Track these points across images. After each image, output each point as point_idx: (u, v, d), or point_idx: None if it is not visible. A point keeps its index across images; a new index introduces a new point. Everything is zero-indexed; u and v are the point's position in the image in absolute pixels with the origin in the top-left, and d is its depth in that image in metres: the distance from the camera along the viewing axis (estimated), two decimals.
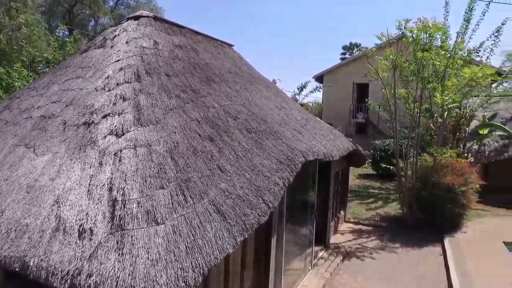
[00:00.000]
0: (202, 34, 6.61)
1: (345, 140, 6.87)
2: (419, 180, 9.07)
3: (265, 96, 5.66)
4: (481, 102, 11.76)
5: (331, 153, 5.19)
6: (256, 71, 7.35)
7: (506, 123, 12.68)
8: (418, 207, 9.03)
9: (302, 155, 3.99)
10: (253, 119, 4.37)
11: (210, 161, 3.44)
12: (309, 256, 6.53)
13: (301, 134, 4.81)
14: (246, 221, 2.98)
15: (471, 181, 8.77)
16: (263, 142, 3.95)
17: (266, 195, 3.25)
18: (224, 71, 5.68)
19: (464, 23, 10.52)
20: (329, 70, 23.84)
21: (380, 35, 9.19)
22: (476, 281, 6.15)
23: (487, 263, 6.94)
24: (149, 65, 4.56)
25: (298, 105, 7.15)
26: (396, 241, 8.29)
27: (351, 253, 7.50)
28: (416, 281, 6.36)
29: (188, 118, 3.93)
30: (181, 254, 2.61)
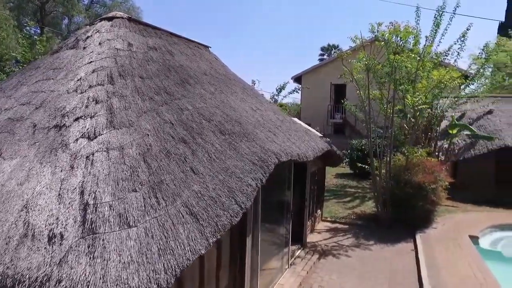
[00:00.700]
0: (178, 36, 6.60)
1: (320, 140, 7.02)
2: (393, 179, 9.37)
3: (241, 98, 5.73)
4: (450, 103, 12.26)
5: (306, 153, 5.31)
6: (233, 72, 7.40)
7: (473, 123, 13.29)
8: (392, 205, 9.33)
9: (275, 156, 4.07)
10: (227, 121, 4.42)
11: (183, 163, 3.48)
12: (286, 255, 6.64)
13: (276, 136, 4.90)
14: (219, 222, 3.03)
15: (440, 179, 9.14)
16: (237, 144, 4.01)
17: (238, 196, 3.32)
18: (199, 73, 5.70)
19: (434, 27, 10.98)
20: (307, 71, 24.16)
21: (354, 38, 9.44)
22: (443, 274, 6.44)
23: (454, 256, 7.28)
24: (123, 67, 4.53)
25: (274, 107, 7.25)
26: (371, 238, 8.54)
27: (328, 251, 7.67)
28: (389, 276, 6.59)
29: (161, 121, 3.94)
30: (153, 256, 2.64)
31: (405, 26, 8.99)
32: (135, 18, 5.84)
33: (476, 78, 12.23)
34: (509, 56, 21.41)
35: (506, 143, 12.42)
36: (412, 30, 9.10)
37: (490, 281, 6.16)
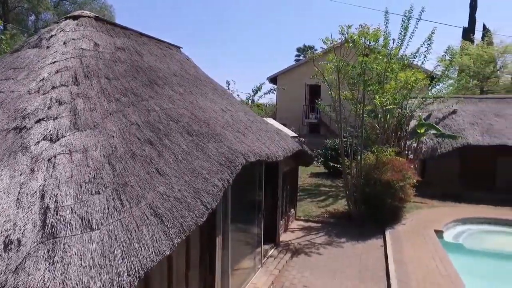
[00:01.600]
0: (147, 36, 6.54)
1: (291, 140, 7.14)
2: (363, 177, 9.64)
3: (211, 99, 5.74)
4: (418, 103, 12.76)
5: (276, 153, 5.40)
6: (204, 73, 7.39)
7: (439, 122, 13.87)
8: (363, 203, 9.60)
9: (243, 156, 4.12)
10: (195, 122, 4.43)
11: (149, 164, 3.46)
12: (259, 255, 6.71)
13: (245, 136, 4.95)
14: (184, 223, 3.05)
15: (408, 176, 9.48)
16: (204, 145, 4.03)
17: (204, 196, 3.34)
18: (169, 74, 5.67)
19: (402, 30, 11.41)
20: (282, 71, 24.42)
21: (325, 39, 9.64)
22: (409, 267, 6.71)
23: (420, 251, 7.59)
24: (88, 68, 4.45)
25: (245, 107, 7.31)
26: (343, 236, 8.75)
27: (300, 250, 7.80)
28: (359, 271, 6.78)
29: (128, 122, 3.91)
30: (116, 259, 2.63)
31: (374, 29, 9.28)
32: (102, 18, 5.73)
33: (442, 79, 12.79)
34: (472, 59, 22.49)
35: (468, 141, 13.05)
36: (381, 33, 9.40)
37: (450, 272, 6.48)
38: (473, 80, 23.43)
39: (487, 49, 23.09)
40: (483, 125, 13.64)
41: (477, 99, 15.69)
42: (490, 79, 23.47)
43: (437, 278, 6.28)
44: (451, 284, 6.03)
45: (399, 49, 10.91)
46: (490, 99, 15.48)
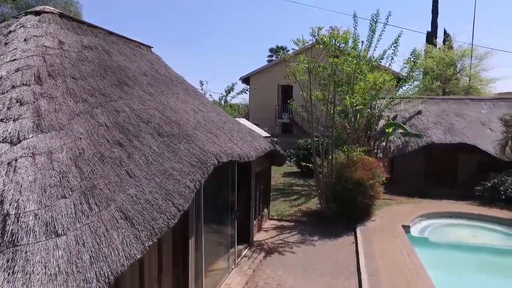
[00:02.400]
0: (116, 35, 6.36)
1: (263, 140, 7.19)
2: (335, 176, 9.86)
3: (182, 100, 5.67)
4: (386, 103, 13.22)
5: (248, 154, 5.41)
6: (176, 73, 7.29)
7: (406, 122, 14.45)
8: (334, 201, 9.82)
9: (215, 157, 4.11)
10: (166, 123, 4.37)
11: (119, 167, 3.38)
12: (233, 255, 6.70)
13: (217, 137, 4.93)
14: (155, 226, 3.00)
15: (377, 175, 9.79)
16: (175, 146, 3.98)
17: (176, 198, 3.30)
18: (139, 74, 5.55)
19: (370, 33, 11.79)
20: (255, 72, 24.50)
21: (296, 41, 9.78)
22: (379, 262, 6.94)
23: (389, 246, 7.87)
24: (53, 67, 4.27)
25: (217, 108, 7.28)
26: (315, 234, 8.91)
27: (274, 249, 7.87)
28: (331, 268, 6.94)
29: (96, 123, 3.79)
30: (84, 265, 2.54)
31: (344, 31, 9.52)
32: (67, 14, 5.51)
33: (408, 80, 13.34)
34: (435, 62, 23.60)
35: (433, 140, 13.66)
36: (350, 35, 9.65)
37: (416, 264, 6.79)
38: (436, 82, 24.58)
39: (448, 53, 24.31)
40: (445, 125, 14.33)
41: (440, 99, 16.46)
42: (451, 81, 24.71)
43: (404, 270, 6.54)
44: (417, 276, 6.30)
45: (368, 51, 11.26)
46: (451, 99, 16.28)
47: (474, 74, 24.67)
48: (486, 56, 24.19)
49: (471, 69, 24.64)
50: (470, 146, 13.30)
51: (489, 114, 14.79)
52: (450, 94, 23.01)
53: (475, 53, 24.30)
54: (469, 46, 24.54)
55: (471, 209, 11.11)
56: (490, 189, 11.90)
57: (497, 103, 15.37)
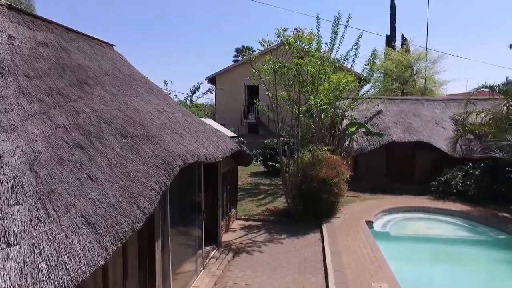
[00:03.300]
0: (75, 31, 6.08)
1: (230, 141, 7.18)
2: (301, 175, 10.05)
3: (146, 100, 5.54)
4: (349, 103, 13.68)
5: (214, 154, 5.39)
6: (139, 73, 7.11)
7: (368, 121, 15.01)
8: (301, 199, 10.00)
9: (180, 158, 4.05)
10: (130, 124, 4.24)
11: (79, 170, 3.24)
12: (200, 257, 6.64)
13: (182, 138, 4.86)
14: (119, 230, 2.91)
15: (342, 173, 10.09)
16: (140, 148, 3.88)
17: (141, 201, 3.22)
18: (100, 73, 5.34)
19: (333, 35, 12.13)
20: (221, 72, 24.39)
21: (262, 41, 9.85)
22: (344, 257, 7.17)
23: (353, 241, 8.15)
24: (2, 64, 3.99)
25: (183, 108, 7.17)
26: (283, 232, 9.03)
27: (242, 249, 7.88)
28: (298, 265, 7.07)
29: (53, 125, 3.60)
30: (41, 275, 2.40)
31: (308, 32, 9.72)
32: (17, 7, 5.16)
33: (369, 80, 13.89)
34: (394, 64, 24.75)
35: (393, 138, 14.31)
36: (314, 37, 9.88)
37: (379, 257, 7.10)
38: (395, 83, 25.78)
39: (405, 56, 25.58)
40: (404, 124, 15.05)
41: (399, 100, 17.25)
42: (409, 82, 26.01)
43: (367, 264, 6.81)
44: (379, 268, 6.59)
45: (331, 52, 11.57)
46: (409, 100, 17.12)
47: (428, 76, 26.12)
48: (439, 59, 25.74)
49: (426, 71, 26.08)
50: (426, 143, 14.08)
51: (442, 113, 15.73)
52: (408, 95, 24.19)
53: (429, 57, 25.78)
54: (424, 50, 25.98)
55: (427, 203, 11.78)
56: (443, 184, 12.67)
57: (448, 104, 16.38)
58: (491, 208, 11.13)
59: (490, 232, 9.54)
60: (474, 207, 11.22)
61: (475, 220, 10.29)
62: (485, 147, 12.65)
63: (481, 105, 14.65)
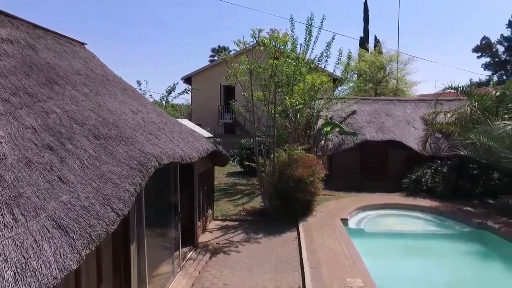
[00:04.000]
0: (43, 29, 5.88)
1: (206, 141, 7.15)
2: (277, 175, 10.14)
3: (120, 100, 5.43)
4: (324, 103, 13.93)
5: (190, 155, 5.35)
6: (113, 73, 6.95)
7: (342, 121, 15.35)
8: (277, 198, 10.09)
9: (155, 159, 4.01)
10: (103, 124, 4.15)
11: (49, 172, 3.14)
12: (177, 258, 6.57)
13: (157, 138, 4.81)
14: (93, 233, 2.84)
15: (317, 172, 10.26)
16: (113, 149, 3.80)
17: (115, 203, 3.16)
18: (71, 73, 5.19)
19: (307, 36, 12.32)
20: (197, 72, 24.20)
21: (237, 42, 9.87)
22: (320, 254, 7.30)
23: (329, 238, 8.31)
24: None
25: (157, 108, 7.07)
26: (260, 232, 9.08)
27: (219, 249, 7.86)
28: (275, 263, 7.13)
29: (20, 126, 3.47)
30: (7, 283, 2.31)
31: (283, 33, 9.83)
32: None
33: (343, 81, 14.21)
34: (367, 65, 25.44)
35: (366, 137, 14.70)
36: (289, 38, 10.00)
37: (353, 253, 7.28)
38: (369, 84, 26.49)
39: (378, 57, 26.34)
40: (377, 123, 15.49)
41: (372, 100, 17.73)
42: (382, 83, 26.80)
43: (342, 260, 6.97)
44: (353, 264, 6.76)
45: (306, 53, 11.74)
46: (382, 100, 17.64)
47: (400, 77, 27.01)
48: (409, 61, 26.69)
49: (398, 72, 26.96)
50: (398, 142, 14.56)
51: (413, 113, 16.31)
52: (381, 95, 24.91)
53: (400, 59, 26.66)
54: (396, 52, 26.83)
55: (399, 200, 12.19)
56: (414, 181, 13.15)
57: (419, 104, 17.00)
58: (457, 203, 11.66)
59: (456, 225, 10.00)
60: (442, 202, 11.72)
61: (443, 215, 10.76)
62: (452, 145, 13.26)
63: (448, 105, 15.32)
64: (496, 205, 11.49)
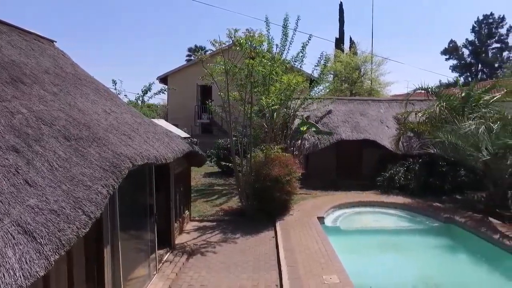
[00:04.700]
0: (7, 24, 5.62)
1: (181, 141, 7.07)
2: (254, 174, 10.16)
3: (92, 100, 5.27)
4: (300, 103, 14.09)
5: (165, 155, 5.28)
6: (85, 72, 6.74)
7: (318, 121, 15.58)
8: (255, 198, 10.12)
9: (129, 160, 3.92)
10: (74, 125, 4.02)
11: (15, 175, 3.01)
12: (154, 261, 6.47)
13: (131, 139, 4.71)
14: (62, 237, 2.75)
15: (294, 171, 10.37)
16: (85, 150, 3.70)
17: (87, 206, 3.07)
18: (39, 71, 5.00)
19: (283, 36, 12.43)
20: (173, 71, 23.87)
21: (213, 41, 9.82)
22: (297, 253, 7.38)
23: (306, 237, 8.41)
24: None
25: (132, 109, 6.93)
26: (237, 232, 9.07)
27: (196, 251, 7.80)
28: (253, 263, 7.15)
29: None
30: None
31: (259, 34, 9.86)
32: None
33: (320, 81, 14.42)
34: (343, 66, 25.97)
35: (341, 137, 14.99)
36: (265, 38, 10.04)
37: (329, 251, 7.40)
38: (344, 84, 27.05)
39: (353, 58, 26.95)
40: (352, 123, 15.83)
41: (347, 100, 18.11)
42: (357, 83, 27.44)
43: (319, 258, 7.08)
44: (330, 261, 6.89)
45: (281, 53, 11.84)
46: (357, 100, 18.05)
47: (374, 78, 27.76)
48: (383, 62, 27.48)
49: (372, 73, 27.69)
50: (372, 141, 14.94)
51: (386, 113, 16.78)
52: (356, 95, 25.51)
53: (374, 60, 27.41)
54: (370, 53, 27.55)
55: (373, 197, 12.51)
56: (388, 179, 13.54)
57: (391, 104, 17.52)
58: (427, 199, 12.11)
59: (427, 221, 10.39)
60: (414, 199, 12.13)
61: (414, 211, 11.14)
62: (423, 144, 13.73)
63: (419, 105, 15.88)
64: (462, 200, 12.04)
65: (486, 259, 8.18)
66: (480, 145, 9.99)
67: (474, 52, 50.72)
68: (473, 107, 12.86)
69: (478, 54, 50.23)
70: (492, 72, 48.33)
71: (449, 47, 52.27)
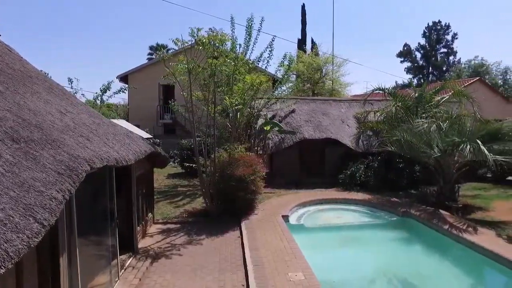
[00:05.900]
0: None
1: (143, 142, 6.85)
2: (218, 174, 10.09)
3: (45, 99, 4.96)
4: (264, 103, 14.20)
5: (126, 157, 5.09)
6: (36, 69, 6.32)
7: (282, 120, 15.80)
8: (219, 198, 10.05)
9: (87, 163, 3.73)
10: (23, 126, 3.75)
11: None
12: (115, 267, 6.21)
13: (89, 141, 4.48)
14: (10, 248, 2.53)
15: (258, 170, 10.42)
16: (37, 153, 3.46)
17: (39, 212, 2.88)
18: None
19: (247, 36, 12.46)
20: (134, 70, 23.15)
21: (176, 40, 9.61)
22: (262, 252, 7.44)
23: (271, 235, 8.49)
24: None
25: (89, 109, 6.60)
26: (202, 233, 8.96)
27: (160, 254, 7.60)
28: (219, 264, 7.10)
29: None
30: None
31: (221, 33, 9.80)
32: None
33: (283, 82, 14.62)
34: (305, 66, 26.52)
35: (304, 136, 15.30)
36: (228, 38, 10.00)
37: (294, 248, 7.53)
38: (306, 84, 27.62)
39: (315, 59, 27.60)
40: (314, 122, 16.21)
41: (310, 100, 18.50)
42: (318, 83, 28.12)
43: (284, 256, 7.18)
44: (294, 258, 7.00)
45: (245, 53, 11.86)
46: (319, 100, 18.50)
47: (335, 79, 28.61)
48: (343, 64, 28.39)
49: (333, 74, 28.51)
50: (334, 140, 15.39)
51: (347, 112, 17.36)
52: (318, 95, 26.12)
53: (335, 61, 28.25)
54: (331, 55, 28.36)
55: (336, 194, 12.90)
56: (349, 176, 14.03)
57: (352, 104, 18.15)
58: (386, 194, 12.69)
59: (386, 215, 10.89)
60: (374, 195, 12.65)
61: (374, 206, 11.62)
62: (381, 142, 14.35)
63: (377, 105, 16.58)
64: (417, 194, 12.76)
65: (437, 249, 8.77)
66: (432, 142, 10.64)
67: (425, 55, 54.11)
68: (425, 107, 13.67)
69: (428, 58, 53.64)
70: (441, 75, 51.85)
71: (403, 50, 55.26)
